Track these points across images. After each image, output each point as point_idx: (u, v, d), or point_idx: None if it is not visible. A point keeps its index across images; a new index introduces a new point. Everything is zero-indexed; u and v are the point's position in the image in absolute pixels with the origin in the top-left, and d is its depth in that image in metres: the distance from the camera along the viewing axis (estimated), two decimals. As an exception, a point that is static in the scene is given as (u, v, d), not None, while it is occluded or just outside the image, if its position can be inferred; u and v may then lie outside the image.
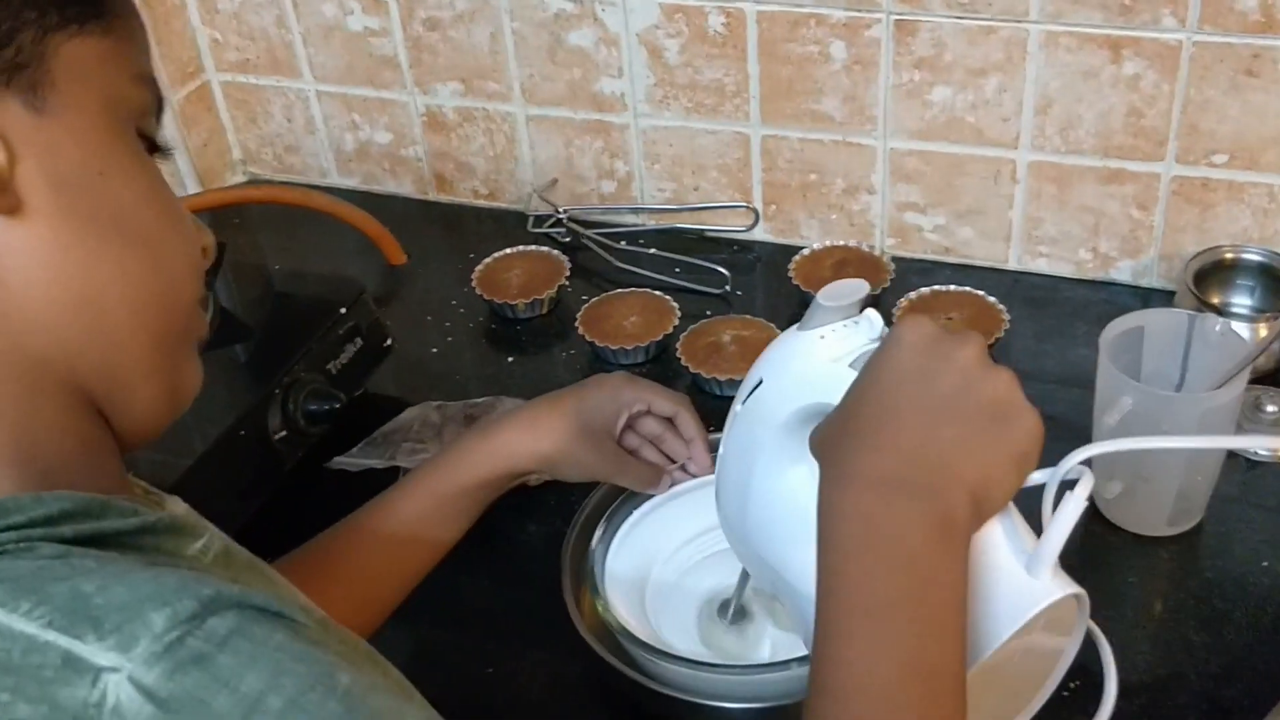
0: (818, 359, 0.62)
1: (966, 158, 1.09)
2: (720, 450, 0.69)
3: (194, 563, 0.50)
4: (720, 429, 0.71)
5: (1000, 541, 0.56)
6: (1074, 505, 0.54)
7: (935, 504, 0.52)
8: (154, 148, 0.52)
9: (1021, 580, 0.55)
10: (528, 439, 0.80)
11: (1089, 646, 0.63)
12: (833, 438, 0.57)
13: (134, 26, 0.52)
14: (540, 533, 0.92)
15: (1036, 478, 0.56)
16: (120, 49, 0.50)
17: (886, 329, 0.61)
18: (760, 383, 0.65)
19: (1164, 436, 0.80)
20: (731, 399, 0.86)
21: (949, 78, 1.05)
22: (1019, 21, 1.01)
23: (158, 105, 0.53)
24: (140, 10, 0.53)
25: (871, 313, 0.62)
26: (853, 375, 0.58)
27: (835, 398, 0.58)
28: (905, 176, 1.13)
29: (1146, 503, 0.85)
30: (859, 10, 1.05)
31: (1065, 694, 0.75)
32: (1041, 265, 1.13)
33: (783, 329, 1.03)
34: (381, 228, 1.23)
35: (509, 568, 0.91)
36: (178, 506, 0.58)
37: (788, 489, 0.64)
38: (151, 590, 0.41)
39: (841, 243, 1.16)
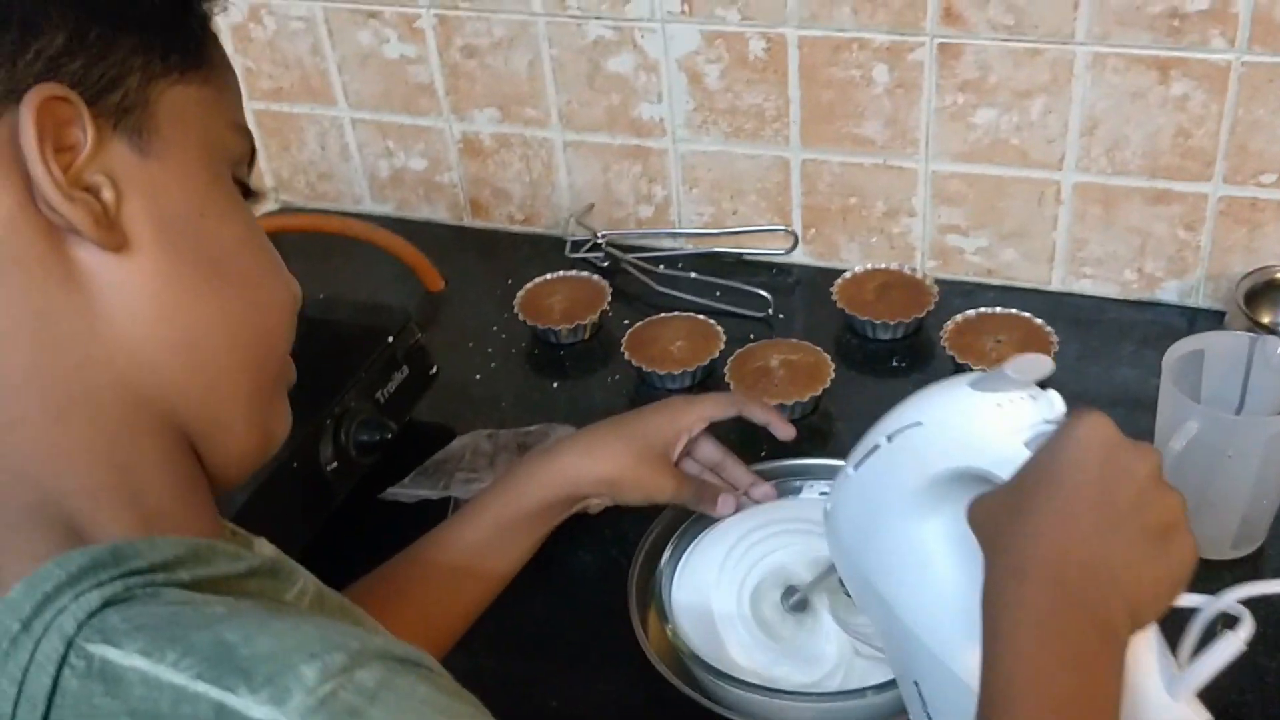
0: (992, 426, 0.61)
1: (1010, 180, 1.09)
2: (849, 470, 0.68)
3: (293, 608, 0.50)
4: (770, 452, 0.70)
5: (1144, 660, 0.56)
6: (1232, 646, 0.55)
7: (1103, 610, 0.53)
8: (247, 192, 0.53)
9: (1161, 701, 0.56)
10: (587, 462, 0.80)
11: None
12: (1001, 521, 0.57)
13: (229, 78, 0.53)
14: (595, 561, 0.92)
15: (1189, 601, 0.57)
16: (218, 97, 0.51)
17: (1065, 413, 0.61)
18: (917, 424, 0.65)
19: None
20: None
21: (993, 100, 1.05)
22: (1065, 43, 1.01)
23: (251, 153, 0.53)
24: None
25: (1054, 394, 0.62)
26: (1026, 455, 0.58)
27: (1001, 470, 0.58)
28: (947, 199, 1.13)
29: (1211, 526, 0.85)
30: (902, 34, 1.05)
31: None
32: (1086, 286, 1.13)
33: (829, 351, 1.05)
34: (419, 254, 1.23)
35: (565, 596, 0.90)
36: (265, 548, 0.58)
37: (923, 538, 0.64)
38: (296, 641, 0.41)
39: (883, 265, 1.16)
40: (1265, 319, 1.00)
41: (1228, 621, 0.58)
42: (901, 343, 1.11)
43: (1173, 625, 0.60)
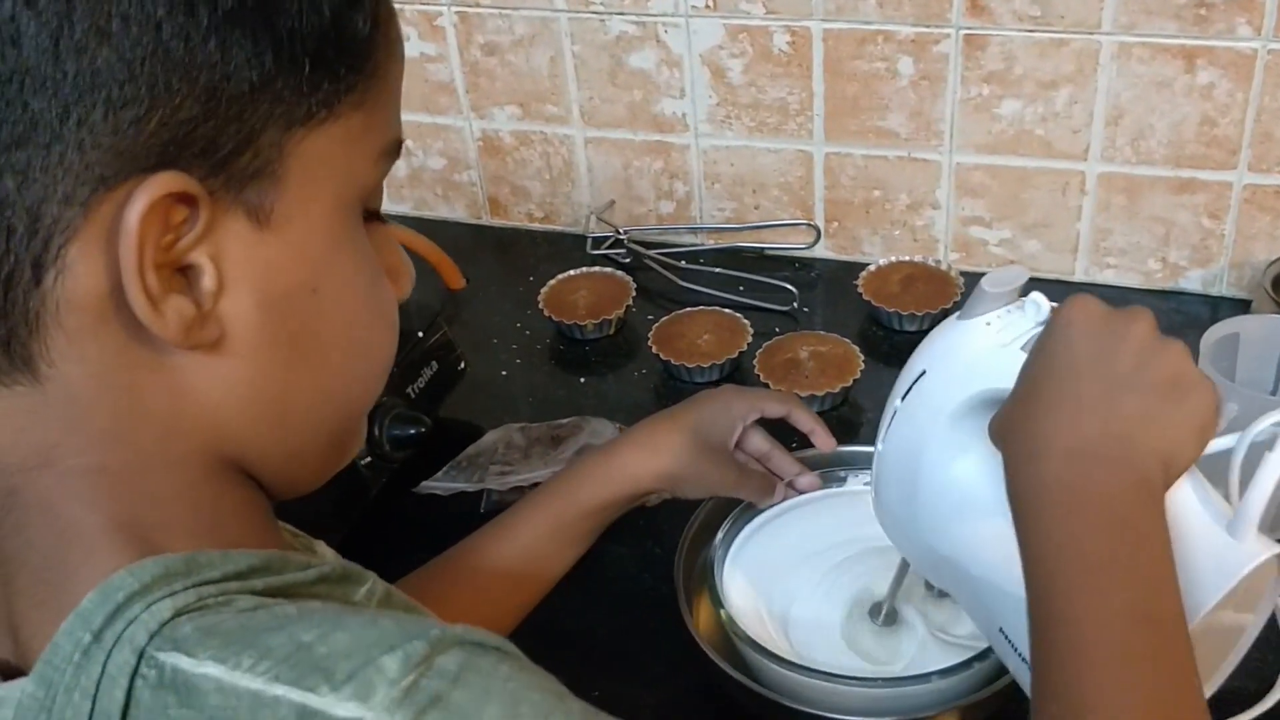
0: (986, 344, 0.62)
1: (1034, 171, 1.10)
2: (879, 448, 0.69)
3: (363, 606, 0.49)
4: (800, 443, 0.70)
5: (1196, 509, 0.56)
6: (1276, 462, 0.54)
7: (1130, 468, 0.53)
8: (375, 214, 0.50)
9: (1224, 544, 0.55)
10: (649, 458, 0.79)
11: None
12: (1015, 420, 0.57)
13: (391, 82, 0.47)
14: (630, 554, 0.92)
15: (1222, 444, 0.57)
16: (371, 121, 0.46)
17: (1051, 311, 0.61)
18: (923, 374, 0.65)
19: None
20: (815, 412, 0.87)
21: (1019, 91, 1.06)
22: (1091, 33, 1.01)
23: (398, 154, 0.49)
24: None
25: (1037, 296, 0.62)
26: (1024, 358, 0.58)
27: (1007, 382, 0.58)
28: (971, 191, 1.13)
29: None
30: (928, 26, 1.05)
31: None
32: (1109, 276, 1.13)
33: (855, 344, 1.05)
34: (441, 253, 1.23)
35: (602, 589, 0.90)
36: (327, 550, 0.57)
37: (961, 478, 0.65)
38: (375, 635, 0.40)
39: (906, 258, 1.16)
40: (1293, 305, 1.01)
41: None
42: (926, 334, 1.11)
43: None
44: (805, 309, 1.16)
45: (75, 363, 0.42)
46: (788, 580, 0.80)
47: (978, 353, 0.62)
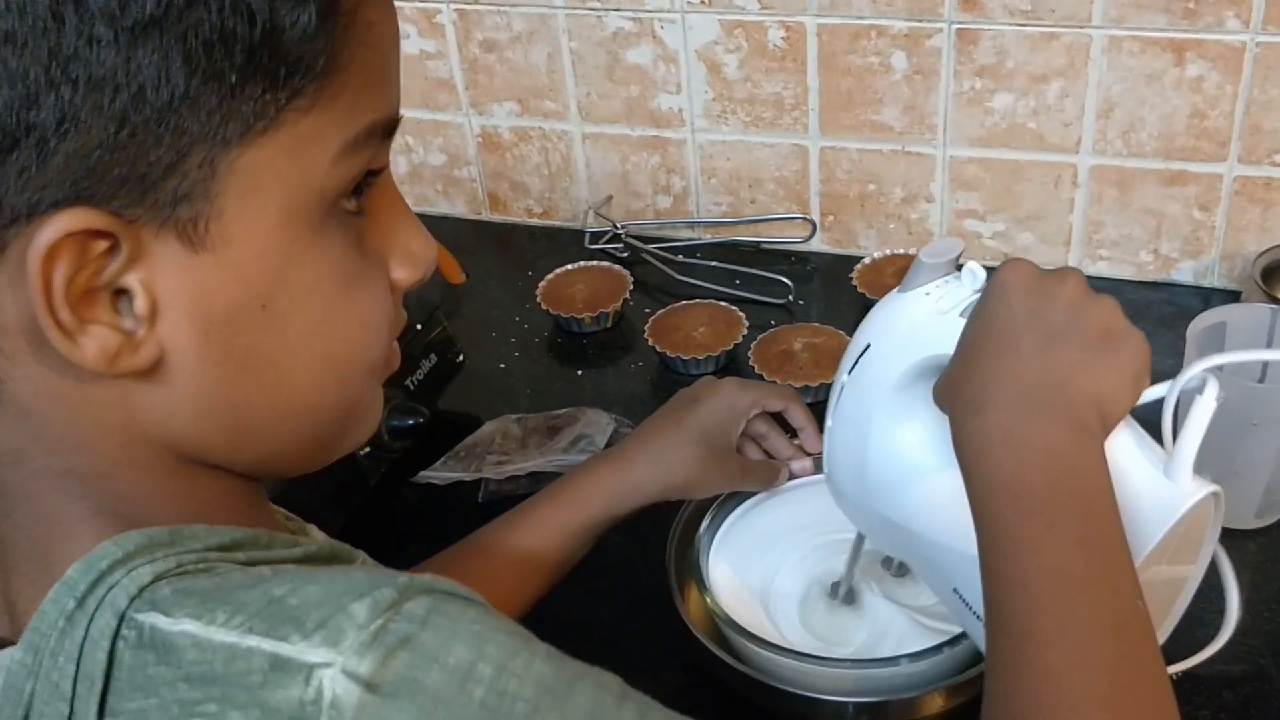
0: (926, 313, 0.64)
1: (1027, 164, 1.11)
2: (828, 423, 0.70)
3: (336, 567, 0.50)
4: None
5: (1134, 452, 0.59)
6: (1205, 406, 0.57)
7: (1067, 414, 0.55)
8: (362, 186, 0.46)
9: (1162, 485, 0.58)
10: (660, 472, 0.80)
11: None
12: (957, 380, 0.59)
13: (368, 63, 0.44)
14: (626, 542, 0.92)
15: (1155, 392, 0.59)
16: (327, 120, 0.43)
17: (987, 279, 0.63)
18: (867, 347, 0.67)
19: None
20: (808, 406, 0.88)
21: (1011, 84, 1.07)
22: (1081, 27, 1.02)
23: (386, 134, 0.46)
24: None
25: (973, 265, 0.64)
26: (962, 324, 0.60)
27: (948, 348, 0.60)
28: (965, 184, 1.14)
29: (1235, 496, 0.86)
30: (920, 20, 1.06)
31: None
32: (1102, 268, 1.14)
33: (849, 335, 1.06)
34: (441, 248, 1.24)
35: (600, 577, 0.91)
36: (318, 534, 0.58)
37: (907, 444, 0.67)
38: (344, 585, 0.41)
39: (901, 251, 1.17)
40: (1282, 296, 1.01)
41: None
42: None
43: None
44: (801, 302, 1.17)
45: (22, 381, 0.43)
46: (771, 562, 0.81)
47: (918, 322, 0.64)
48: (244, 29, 0.39)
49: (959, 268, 0.66)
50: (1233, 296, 1.08)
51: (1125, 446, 0.59)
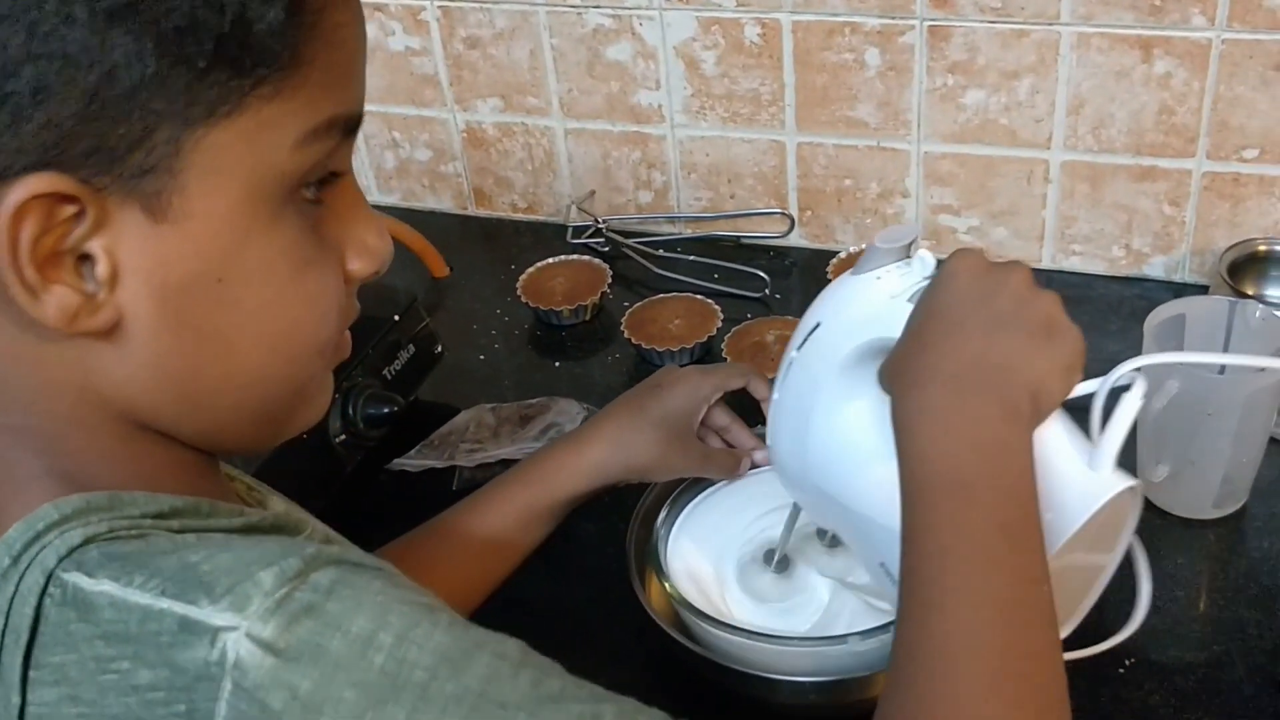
0: (876, 297, 0.65)
1: (1000, 159, 1.12)
2: (774, 396, 0.72)
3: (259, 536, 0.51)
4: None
5: (1062, 443, 0.61)
6: (1131, 403, 0.59)
7: (1002, 397, 0.57)
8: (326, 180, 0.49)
9: (1085, 476, 0.60)
10: (620, 455, 0.81)
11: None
12: (902, 359, 0.61)
13: (333, 60, 0.46)
14: (596, 530, 0.94)
15: (1087, 387, 0.61)
16: (289, 110, 0.45)
17: (937, 267, 0.65)
18: (817, 326, 0.69)
19: (1211, 353, 0.85)
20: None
21: (982, 81, 1.08)
22: (1051, 24, 1.03)
23: (347, 130, 0.48)
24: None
25: (924, 253, 0.66)
26: (910, 309, 0.62)
27: (895, 331, 0.62)
28: (939, 179, 1.15)
29: (1192, 486, 0.87)
30: (893, 17, 1.08)
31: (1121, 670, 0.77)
32: (1075, 263, 1.16)
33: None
34: (425, 242, 1.26)
35: (568, 563, 0.92)
36: (279, 504, 0.60)
37: (848, 423, 0.68)
38: (256, 554, 0.43)
39: (877, 246, 1.18)
40: (1249, 290, 1.02)
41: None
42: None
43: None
44: (778, 296, 1.18)
45: None
46: (727, 544, 0.82)
47: (868, 304, 0.66)
48: (214, 19, 0.42)
49: (911, 255, 0.67)
50: (1203, 291, 1.09)
51: (1054, 436, 0.61)
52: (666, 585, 0.78)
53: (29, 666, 0.43)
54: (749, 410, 0.89)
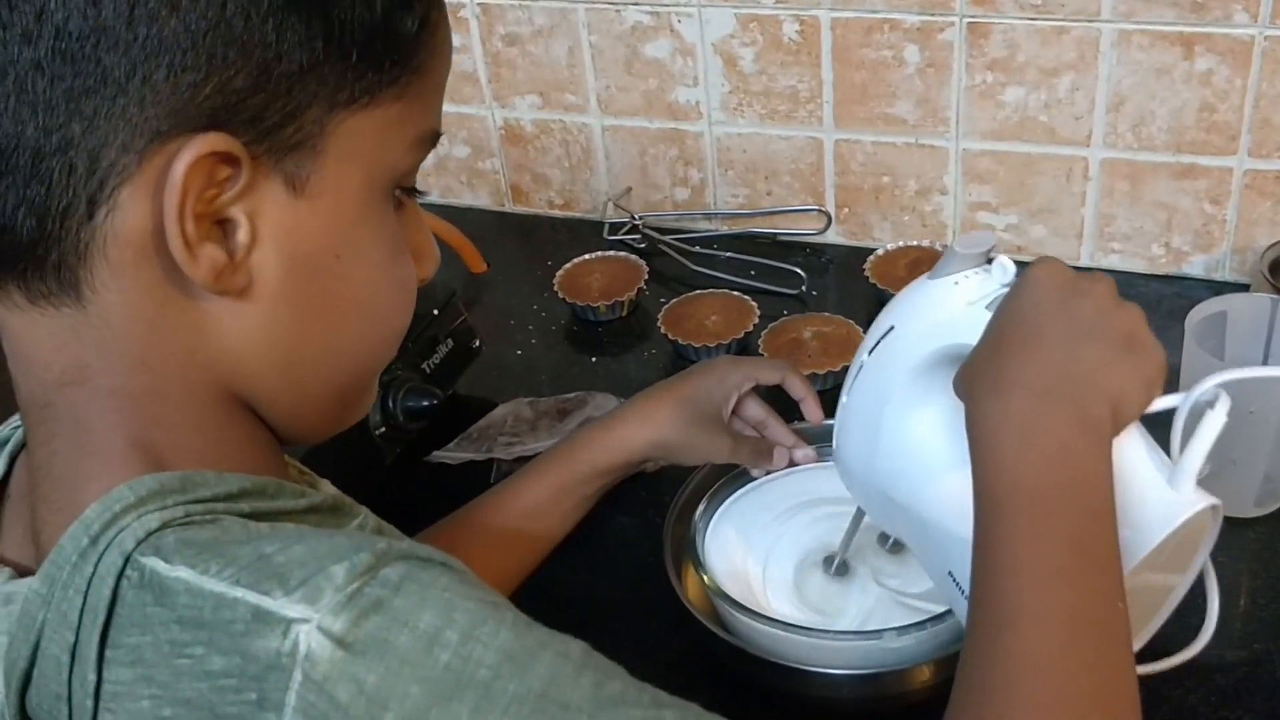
0: (953, 302, 0.65)
1: (1039, 157, 1.12)
2: (843, 399, 0.72)
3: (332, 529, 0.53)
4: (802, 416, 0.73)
5: (1143, 458, 0.60)
6: (1216, 419, 0.58)
7: (1084, 409, 0.56)
8: (414, 190, 0.54)
9: (1165, 493, 0.58)
10: (642, 429, 0.83)
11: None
12: (979, 366, 0.60)
13: (435, 79, 0.51)
14: (632, 523, 0.95)
15: (1168, 401, 0.60)
16: (409, 112, 0.50)
17: (1017, 274, 0.64)
18: (890, 329, 0.68)
19: None
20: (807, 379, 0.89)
21: (1022, 78, 1.08)
22: (1091, 21, 1.03)
23: (433, 143, 0.53)
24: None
25: (1004, 259, 0.65)
26: (988, 316, 0.61)
27: (972, 338, 0.61)
28: (978, 177, 1.15)
29: (1234, 484, 0.87)
30: (932, 14, 1.08)
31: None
32: (1114, 261, 1.15)
33: (862, 327, 1.07)
34: (463, 238, 1.27)
35: (604, 556, 0.93)
36: (329, 488, 0.61)
37: (920, 430, 0.68)
38: (328, 548, 0.44)
39: (915, 243, 1.18)
40: (1291, 289, 1.02)
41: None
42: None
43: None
44: (814, 293, 1.19)
45: (115, 292, 0.47)
46: (768, 540, 0.82)
47: (944, 310, 0.65)
48: (370, 18, 0.47)
49: (989, 261, 0.66)
50: (1244, 290, 1.09)
51: (1133, 451, 0.60)
52: (704, 577, 0.78)
53: (105, 646, 0.44)
54: (788, 408, 0.90)
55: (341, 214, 0.49)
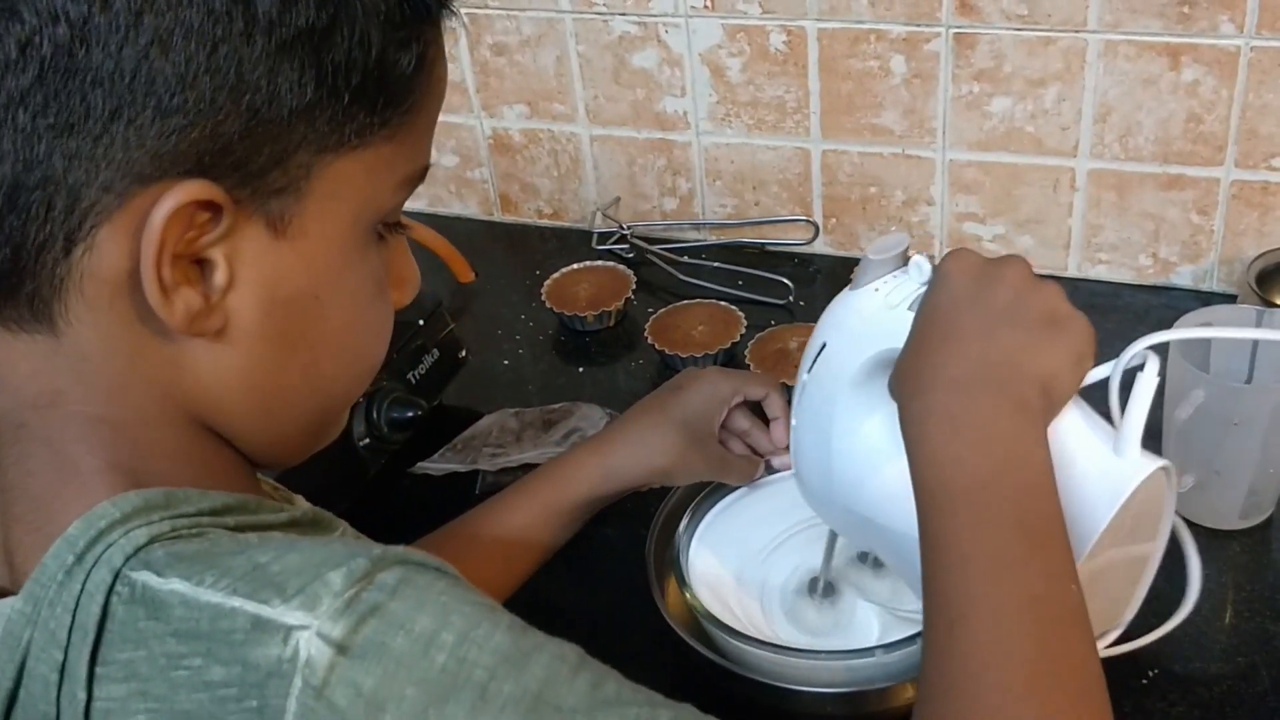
0: (877, 309, 0.65)
1: (1026, 167, 1.12)
2: (793, 422, 0.72)
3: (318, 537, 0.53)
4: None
5: (1085, 435, 0.60)
6: (1147, 381, 0.58)
7: (1009, 393, 0.57)
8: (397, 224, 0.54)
9: (1113, 463, 0.59)
10: (642, 456, 0.82)
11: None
12: (905, 369, 0.61)
13: (431, 113, 0.51)
14: (618, 535, 0.94)
15: (1100, 372, 0.60)
16: (399, 151, 0.49)
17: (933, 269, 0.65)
18: (824, 346, 0.69)
19: (1221, 327, 0.83)
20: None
21: (1008, 88, 1.08)
22: (1078, 31, 1.03)
23: (421, 181, 0.52)
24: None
25: (919, 258, 0.65)
26: (911, 316, 0.62)
27: (899, 341, 0.62)
28: (964, 187, 1.15)
29: (1218, 496, 0.87)
30: (918, 25, 1.08)
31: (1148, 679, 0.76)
32: (1101, 272, 1.15)
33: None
34: (451, 247, 1.27)
35: (590, 569, 0.93)
36: (303, 504, 0.61)
37: (869, 439, 0.68)
38: (323, 555, 0.44)
39: (902, 253, 1.18)
40: (1277, 300, 1.01)
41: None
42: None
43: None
44: (802, 303, 1.18)
45: (89, 326, 0.46)
46: (751, 555, 0.82)
47: (869, 318, 0.66)
48: (363, 58, 0.46)
49: (906, 262, 0.67)
50: (1232, 300, 1.09)
51: (1074, 427, 0.60)
52: (687, 595, 0.78)
53: (96, 663, 0.43)
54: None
55: (323, 255, 0.48)
